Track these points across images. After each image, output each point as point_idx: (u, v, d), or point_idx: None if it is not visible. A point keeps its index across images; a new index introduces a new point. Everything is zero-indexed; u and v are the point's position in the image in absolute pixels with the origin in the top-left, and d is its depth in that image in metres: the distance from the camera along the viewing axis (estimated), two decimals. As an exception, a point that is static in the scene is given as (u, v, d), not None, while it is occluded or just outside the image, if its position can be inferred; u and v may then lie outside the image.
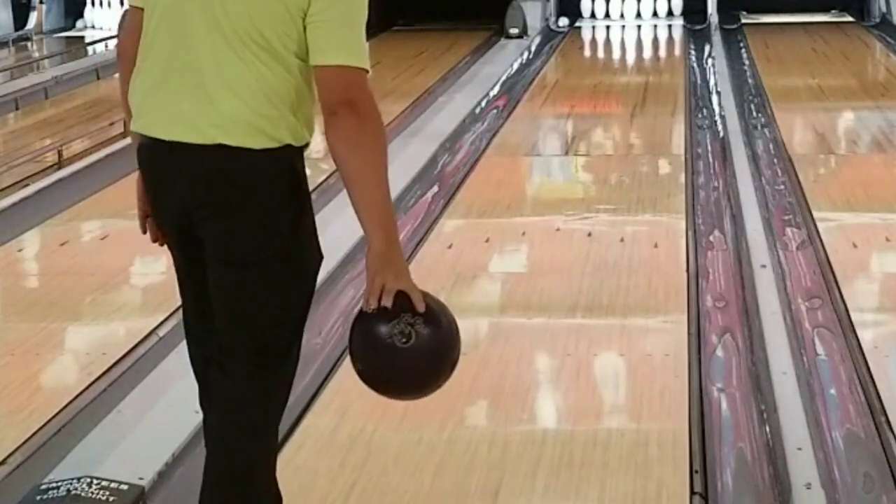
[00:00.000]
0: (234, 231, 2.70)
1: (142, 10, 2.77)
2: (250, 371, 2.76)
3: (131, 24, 2.82)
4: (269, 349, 2.75)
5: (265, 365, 2.75)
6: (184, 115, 2.68)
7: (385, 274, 2.69)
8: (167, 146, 2.71)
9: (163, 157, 2.73)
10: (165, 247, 2.86)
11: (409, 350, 2.65)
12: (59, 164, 7.38)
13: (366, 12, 2.68)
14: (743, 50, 11.57)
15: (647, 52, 13.02)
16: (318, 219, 2.77)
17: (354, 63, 2.64)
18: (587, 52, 12.95)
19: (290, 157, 2.69)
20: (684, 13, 13.89)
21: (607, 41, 13.55)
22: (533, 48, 12.22)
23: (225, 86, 2.65)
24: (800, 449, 3.56)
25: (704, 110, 8.80)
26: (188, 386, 2.99)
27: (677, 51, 12.50)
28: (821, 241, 5.48)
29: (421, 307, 2.67)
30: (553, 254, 5.60)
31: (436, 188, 6.77)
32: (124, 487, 3.37)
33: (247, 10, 2.63)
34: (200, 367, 2.91)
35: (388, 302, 2.65)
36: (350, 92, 2.63)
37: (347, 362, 2.82)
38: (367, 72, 2.66)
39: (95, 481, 3.37)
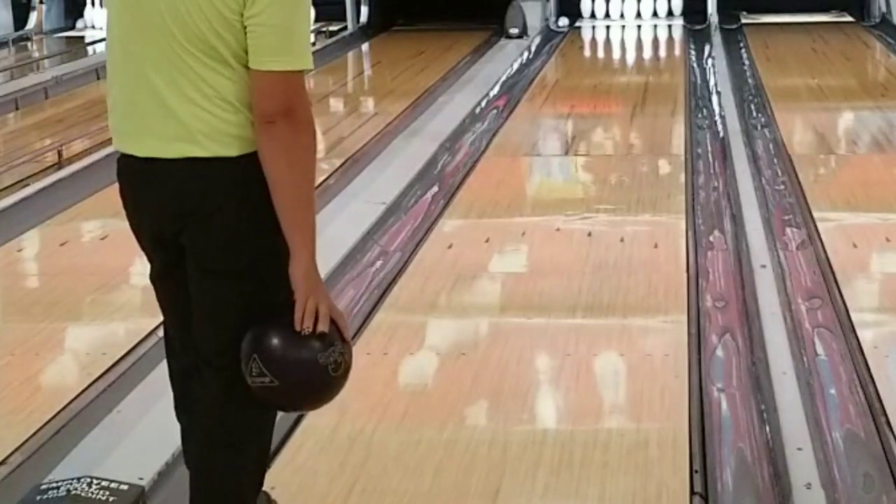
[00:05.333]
0: (216, 241, 2.69)
1: None
2: (230, 381, 2.75)
3: None
4: None
5: (243, 374, 2.73)
6: (151, 130, 2.68)
7: (317, 295, 2.68)
8: (142, 162, 2.71)
9: (138, 172, 2.74)
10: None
11: (337, 378, 2.70)
12: (59, 164, 7.38)
13: (307, 7, 2.65)
14: (743, 50, 11.57)
15: (647, 52, 13.01)
16: (318, 219, 2.77)
17: (294, 67, 2.61)
18: (587, 52, 12.95)
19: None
20: (684, 13, 13.88)
21: (607, 41, 13.54)
22: (533, 48, 12.22)
23: (184, 98, 2.64)
24: (800, 449, 3.56)
25: (704, 110, 8.80)
26: (188, 386, 2.99)
27: (677, 51, 12.49)
28: (821, 241, 5.48)
29: (348, 336, 2.72)
30: (553, 254, 5.60)
31: (436, 188, 6.77)
32: (124, 487, 3.37)
33: (188, 18, 2.60)
34: (179, 381, 2.91)
35: (324, 327, 2.66)
36: (289, 100, 2.61)
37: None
38: (306, 70, 2.64)
39: (95, 481, 3.37)
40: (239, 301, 2.72)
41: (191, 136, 2.64)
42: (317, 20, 12.50)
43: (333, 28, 13.24)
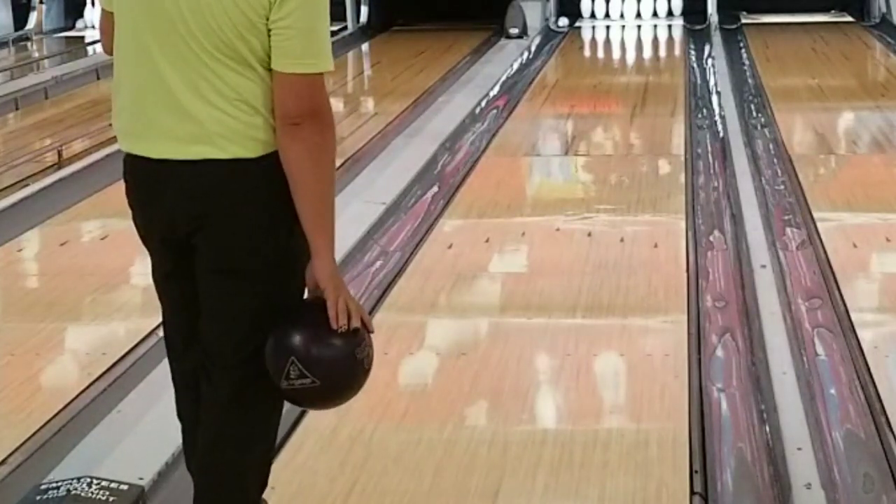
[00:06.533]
0: (232, 241, 2.69)
1: (112, 13, 2.76)
2: (238, 380, 2.75)
3: (108, 27, 2.80)
4: (259, 354, 2.74)
5: (254, 373, 2.73)
6: (166, 132, 2.67)
7: (343, 291, 2.71)
8: (154, 163, 2.70)
9: (151, 173, 2.72)
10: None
11: (368, 371, 2.74)
12: (59, 164, 7.38)
13: (328, 10, 2.67)
14: (743, 50, 11.57)
15: (647, 52, 13.01)
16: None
17: (318, 69, 2.63)
18: (587, 52, 12.95)
19: (279, 161, 2.67)
20: (684, 13, 13.89)
21: (607, 41, 13.55)
22: (533, 48, 12.22)
23: (202, 100, 2.64)
24: (800, 449, 3.56)
25: (704, 110, 8.80)
26: (188, 386, 2.98)
27: (677, 51, 12.49)
28: (821, 241, 5.48)
29: (372, 329, 2.75)
30: (553, 254, 5.60)
31: (436, 188, 6.77)
32: (124, 487, 3.37)
33: (211, 21, 2.60)
34: (182, 382, 2.90)
35: (357, 323, 2.69)
36: (313, 102, 2.63)
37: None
38: (328, 70, 2.66)
39: (95, 481, 3.38)
40: (252, 301, 2.72)
41: (209, 138, 2.64)
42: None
43: (333, 28, 13.21)
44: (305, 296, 2.78)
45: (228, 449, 2.80)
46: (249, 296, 2.72)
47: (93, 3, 14.63)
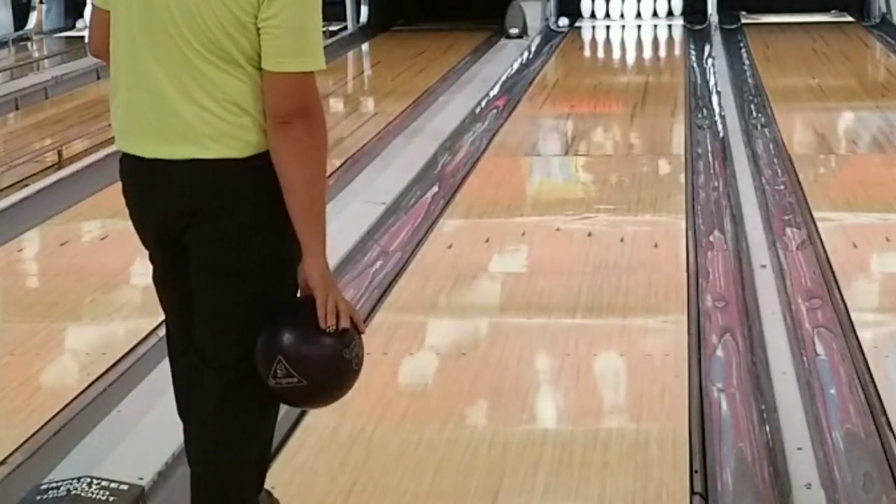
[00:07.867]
0: (221, 240, 2.69)
1: (107, 11, 2.76)
2: (231, 381, 2.76)
3: (98, 25, 2.80)
4: (251, 353, 2.74)
5: (247, 372, 2.73)
6: (157, 132, 2.67)
7: (334, 291, 2.71)
8: (147, 162, 2.71)
9: (143, 173, 2.73)
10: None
11: (357, 372, 2.74)
12: (59, 164, 7.38)
13: (319, 7, 2.65)
14: (743, 50, 11.58)
15: (647, 52, 13.01)
16: (318, 219, 2.76)
17: (309, 67, 2.62)
18: (587, 52, 12.95)
19: (269, 162, 2.68)
20: (684, 13, 13.90)
21: (607, 41, 13.55)
22: (533, 48, 12.22)
23: (191, 100, 2.64)
24: (800, 449, 3.56)
25: (704, 110, 8.80)
26: (188, 386, 2.98)
27: (677, 51, 12.50)
28: (821, 241, 5.48)
29: (363, 329, 2.75)
30: (553, 254, 5.60)
31: (436, 188, 6.77)
32: (124, 487, 3.37)
33: (200, 20, 2.60)
34: (181, 381, 2.90)
35: (346, 323, 2.68)
36: (304, 100, 2.62)
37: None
38: (319, 69, 2.65)
39: (95, 481, 3.38)
40: (243, 301, 2.72)
41: (197, 138, 2.64)
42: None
43: (333, 28, 13.23)
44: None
45: (222, 448, 2.80)
46: (241, 295, 2.72)
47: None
